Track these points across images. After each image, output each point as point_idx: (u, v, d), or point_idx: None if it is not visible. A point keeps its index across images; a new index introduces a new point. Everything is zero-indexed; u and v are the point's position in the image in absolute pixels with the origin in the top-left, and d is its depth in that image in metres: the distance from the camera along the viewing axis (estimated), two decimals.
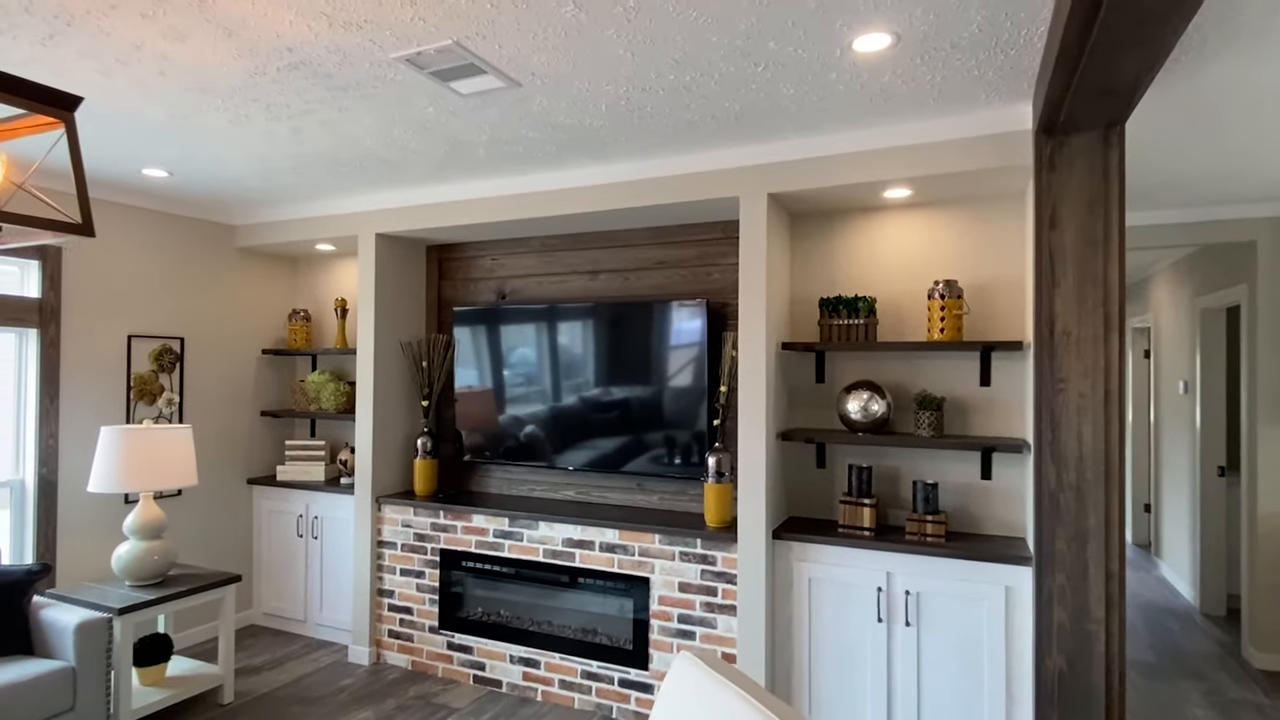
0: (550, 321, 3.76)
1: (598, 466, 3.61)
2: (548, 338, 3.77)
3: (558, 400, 3.72)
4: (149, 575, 3.24)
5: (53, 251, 3.47)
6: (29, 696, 2.55)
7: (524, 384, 3.81)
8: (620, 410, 3.59)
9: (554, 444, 3.73)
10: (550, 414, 3.75)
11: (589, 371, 3.65)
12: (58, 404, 3.50)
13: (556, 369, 3.72)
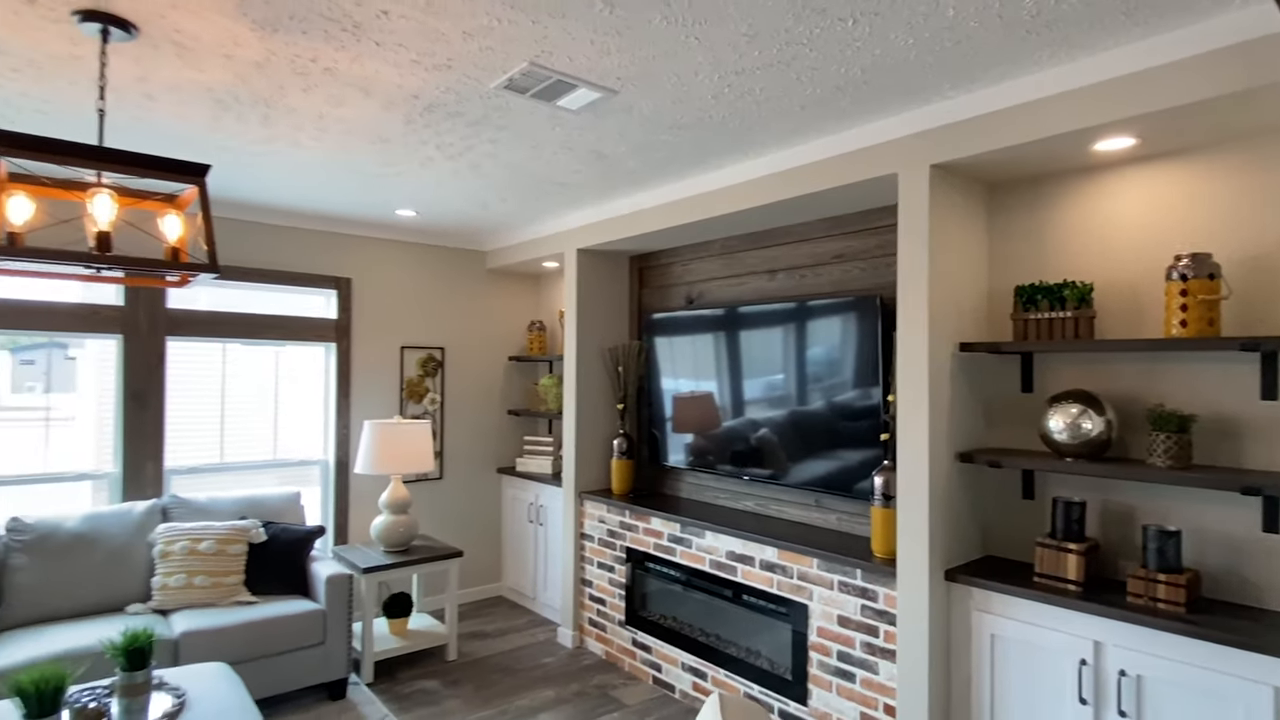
0: (726, 326, 3.65)
1: (774, 478, 3.40)
2: (724, 342, 3.66)
3: (736, 406, 3.60)
4: (396, 543, 3.96)
5: (344, 282, 4.44)
6: (294, 628, 3.30)
7: (697, 386, 3.76)
8: (795, 419, 3.33)
9: (733, 452, 3.61)
10: (729, 420, 3.64)
11: (765, 376, 3.46)
12: (349, 401, 4.47)
13: (734, 375, 3.59)
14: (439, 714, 3.33)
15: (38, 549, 3.20)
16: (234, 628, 3.14)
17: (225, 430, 4.13)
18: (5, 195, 1.81)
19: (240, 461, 4.17)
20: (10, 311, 3.46)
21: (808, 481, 3.26)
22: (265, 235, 4.18)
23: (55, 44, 2.08)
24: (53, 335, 3.66)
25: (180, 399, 3.96)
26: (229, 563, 3.42)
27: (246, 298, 4.23)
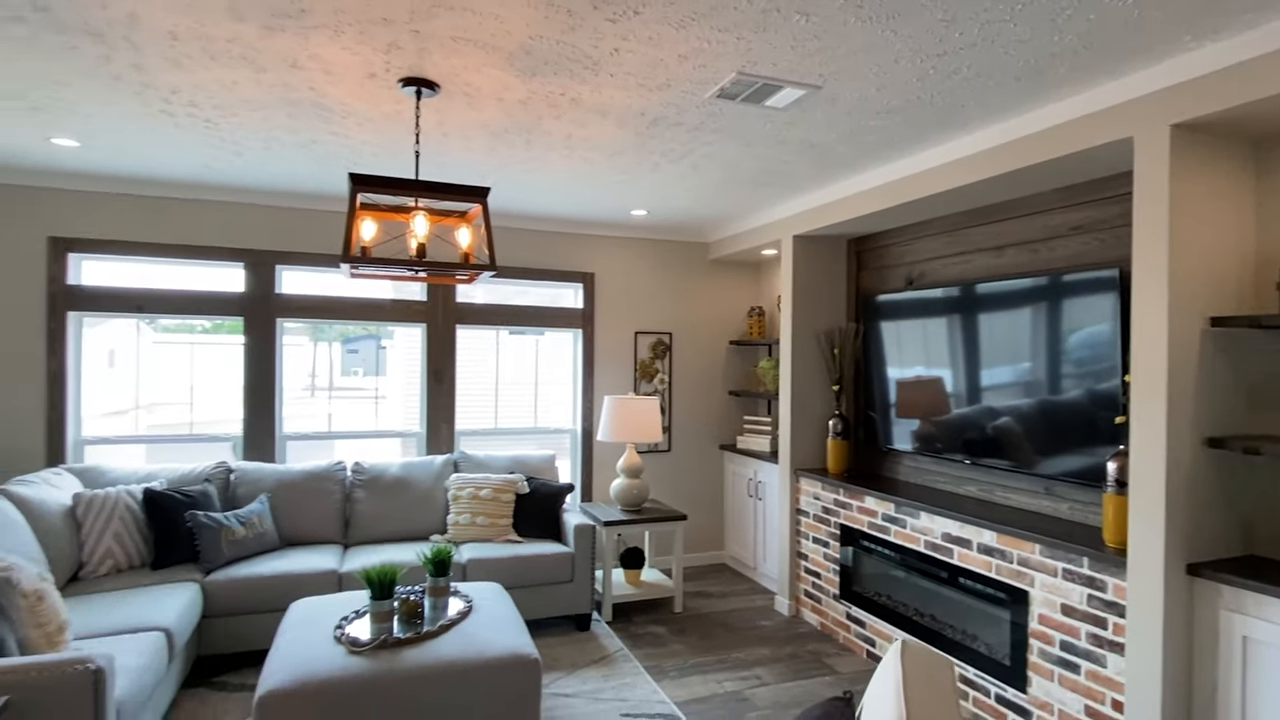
0: (953, 307, 3.60)
1: (1002, 464, 3.31)
2: (952, 324, 3.61)
3: (961, 388, 3.54)
4: (630, 503, 4.49)
5: (588, 276, 5.08)
6: (550, 566, 3.96)
7: (928, 371, 3.74)
8: (1031, 403, 3.21)
9: (956, 435, 3.57)
10: (954, 403, 3.60)
11: (1000, 359, 3.37)
12: (593, 380, 5.12)
13: (967, 358, 3.54)
14: (666, 654, 3.77)
15: (371, 487, 4.21)
16: (505, 559, 3.86)
17: (499, 402, 5.00)
18: (359, 220, 2.52)
19: (509, 427, 5.01)
20: (354, 307, 4.55)
21: (1040, 467, 3.13)
22: (527, 239, 4.95)
23: (386, 105, 2.80)
24: (379, 325, 4.73)
25: (466, 376, 4.88)
26: (501, 508, 4.18)
27: (513, 292, 5.05)
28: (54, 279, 4.00)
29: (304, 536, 4.00)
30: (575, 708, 3.15)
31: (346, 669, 2.44)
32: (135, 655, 2.54)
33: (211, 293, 4.29)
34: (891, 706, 1.49)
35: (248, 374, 4.36)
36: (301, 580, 3.51)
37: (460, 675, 2.52)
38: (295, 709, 2.33)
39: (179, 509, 3.60)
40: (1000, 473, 3.43)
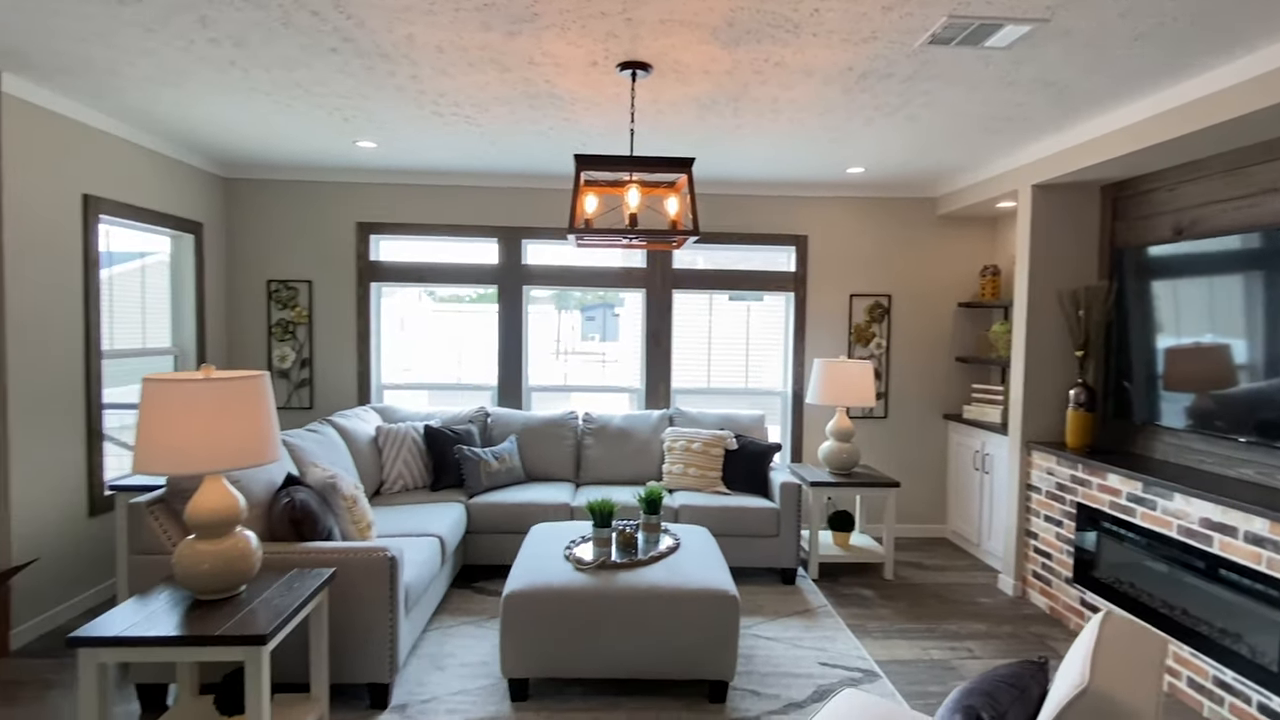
0: (1243, 259, 3.08)
1: None
2: (1240, 279, 3.10)
3: (1257, 358, 3.04)
4: (839, 466, 4.49)
5: (801, 239, 5.07)
6: (756, 519, 4.13)
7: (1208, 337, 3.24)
8: None
9: (1245, 413, 3.07)
10: (1235, 375, 3.10)
11: None
12: (804, 343, 5.13)
13: (1255, 318, 3.03)
14: (870, 615, 3.77)
15: (598, 435, 4.70)
16: (713, 508, 4.12)
17: (712, 363, 5.24)
18: (583, 196, 2.85)
19: (721, 387, 5.24)
20: (584, 274, 5.05)
21: None
22: (738, 205, 5.07)
23: (607, 89, 3.10)
24: (611, 293, 5.20)
25: (681, 337, 5.18)
26: (711, 461, 4.44)
27: (726, 257, 5.22)
28: (360, 256, 4.99)
29: (543, 473, 4.61)
30: (774, 650, 3.32)
31: (571, 581, 2.85)
32: (418, 552, 3.20)
33: (472, 264, 5.05)
34: (1076, 669, 1.45)
35: (501, 335, 5.07)
36: (541, 509, 4.08)
37: (666, 600, 2.82)
38: (531, 607, 2.79)
39: (449, 443, 4.36)
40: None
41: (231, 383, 2.21)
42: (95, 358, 3.68)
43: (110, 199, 3.79)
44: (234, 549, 2.27)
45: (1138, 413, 3.62)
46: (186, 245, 4.57)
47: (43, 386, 3.37)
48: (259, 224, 4.96)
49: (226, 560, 2.24)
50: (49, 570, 3.43)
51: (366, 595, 2.71)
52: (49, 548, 3.42)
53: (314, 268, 4.99)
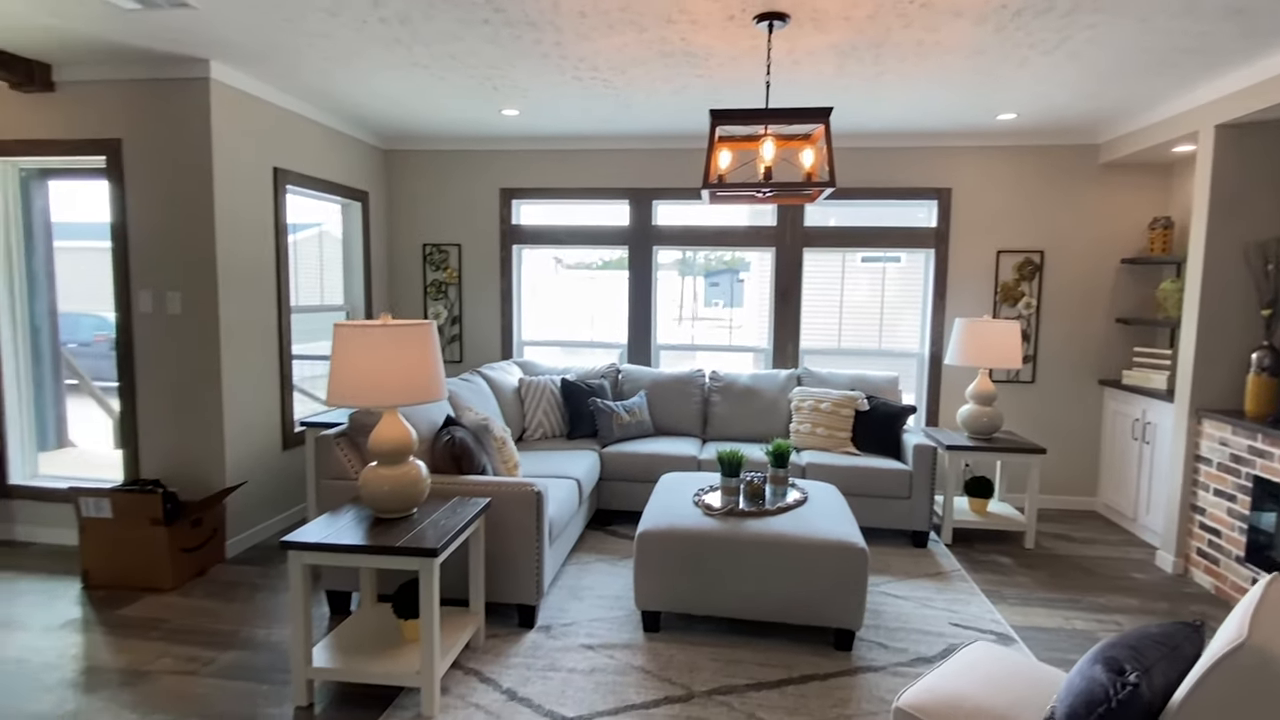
0: None
1: None
2: None
3: None
4: (979, 430, 4.32)
5: (944, 192, 4.83)
6: (886, 481, 4.08)
7: None
8: None
9: None
10: None
11: None
12: (944, 302, 4.92)
13: None
14: (1008, 582, 3.65)
15: (725, 392, 4.78)
16: (841, 467, 4.11)
17: (843, 323, 5.15)
18: (717, 151, 2.90)
19: (852, 348, 5.15)
20: (712, 233, 5.10)
21: None
22: (876, 158, 4.90)
23: (743, 42, 3.10)
24: (736, 257, 5.22)
25: (811, 297, 5.12)
26: (840, 422, 4.40)
27: (860, 214, 5.08)
28: (503, 220, 5.31)
29: (671, 428, 4.77)
30: (903, 607, 3.31)
31: (701, 525, 2.99)
32: (558, 491, 3.46)
33: (605, 226, 5.23)
34: (1234, 627, 1.40)
35: (631, 295, 5.25)
36: (669, 460, 4.25)
37: (793, 549, 2.89)
38: (662, 547, 2.96)
39: (584, 396, 4.61)
40: None
41: (405, 329, 2.49)
42: (286, 312, 4.20)
43: (294, 171, 4.27)
44: (408, 475, 2.58)
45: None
46: (354, 212, 5.06)
47: (247, 337, 3.91)
48: (414, 192, 5.38)
49: (402, 484, 2.55)
50: (252, 494, 4.01)
51: (516, 525, 2.98)
52: (252, 475, 4.00)
53: (462, 232, 5.37)
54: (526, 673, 2.68)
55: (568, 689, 2.58)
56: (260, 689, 2.58)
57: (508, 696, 2.52)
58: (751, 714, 2.44)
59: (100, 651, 2.82)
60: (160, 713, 2.43)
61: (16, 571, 3.57)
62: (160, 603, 3.26)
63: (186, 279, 3.69)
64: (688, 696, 2.54)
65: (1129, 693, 1.46)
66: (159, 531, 3.35)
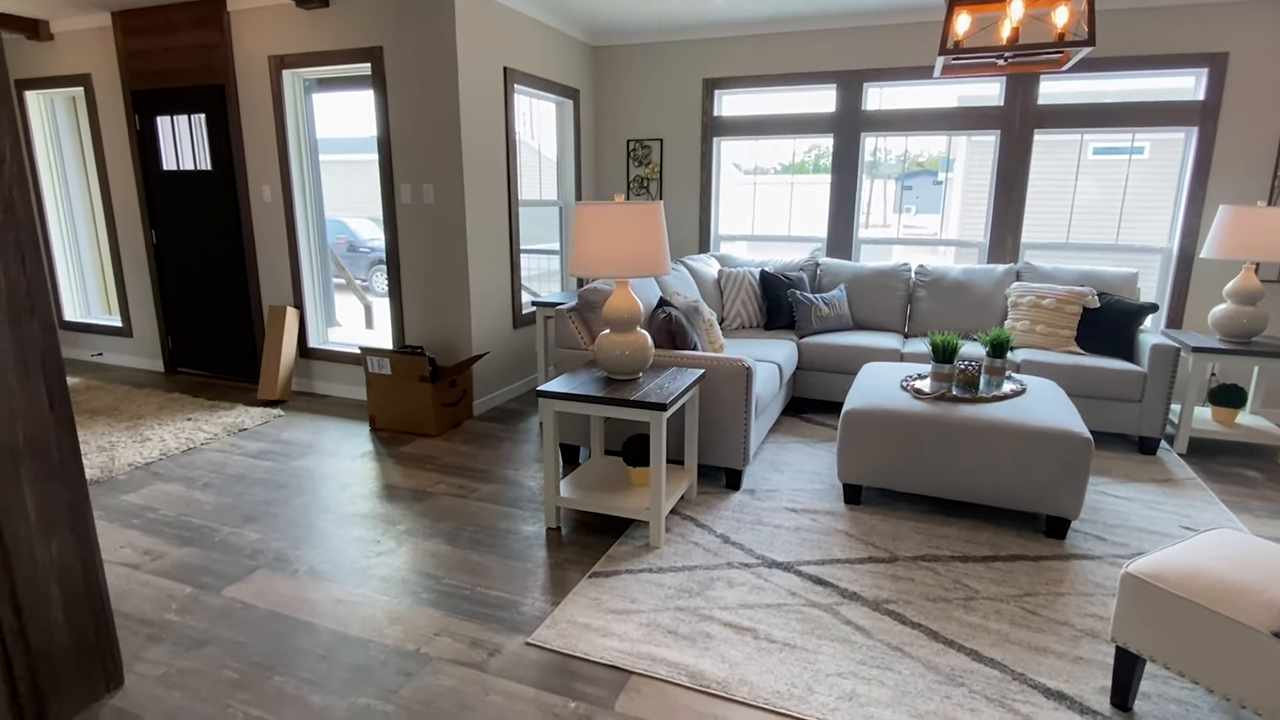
0: None
1: None
2: None
3: None
4: (1235, 333, 3.84)
5: (1219, 58, 4.13)
6: (1114, 382, 3.79)
7: None
8: None
9: None
10: None
11: None
12: (1204, 190, 4.30)
13: None
14: (1254, 495, 3.34)
15: (932, 287, 4.62)
16: (1062, 366, 3.88)
17: (1073, 215, 4.70)
18: (956, 14, 2.73)
19: (1083, 242, 4.70)
20: (928, 117, 4.79)
21: None
22: (1131, 20, 4.26)
23: None
24: (940, 156, 4.88)
25: (1039, 185, 4.70)
26: (1064, 319, 4.11)
27: (1108, 87, 4.49)
28: (705, 112, 5.35)
29: (871, 323, 4.73)
30: (1125, 507, 3.16)
31: (910, 407, 3.03)
32: (760, 370, 3.64)
33: (809, 114, 5.09)
34: None
35: (833, 186, 5.13)
36: (869, 353, 4.25)
37: (1009, 435, 2.86)
38: (868, 424, 3.06)
39: (783, 288, 4.68)
40: None
41: (639, 206, 2.71)
42: (515, 204, 4.64)
43: (520, 70, 4.60)
44: (636, 342, 2.87)
45: None
46: (567, 110, 5.36)
47: (486, 225, 4.40)
48: (620, 87, 5.56)
49: (632, 350, 2.85)
50: (491, 365, 4.62)
51: (726, 396, 3.22)
52: (491, 348, 4.59)
53: (665, 126, 5.49)
54: (736, 524, 2.97)
55: (775, 540, 2.83)
56: (518, 512, 3.11)
57: (722, 540, 2.83)
58: (957, 580, 2.55)
59: (393, 475, 3.52)
60: (446, 521, 3.02)
61: (322, 415, 4.46)
62: (429, 445, 3.94)
63: (437, 174, 4.20)
64: (892, 559, 2.69)
65: None
66: (426, 388, 4.01)
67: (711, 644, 2.17)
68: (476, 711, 1.89)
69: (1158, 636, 1.79)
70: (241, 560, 2.69)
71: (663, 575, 2.57)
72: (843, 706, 1.90)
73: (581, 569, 2.63)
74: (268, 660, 2.10)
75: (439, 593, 2.47)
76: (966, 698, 1.94)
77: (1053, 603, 2.41)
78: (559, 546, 2.81)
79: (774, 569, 2.61)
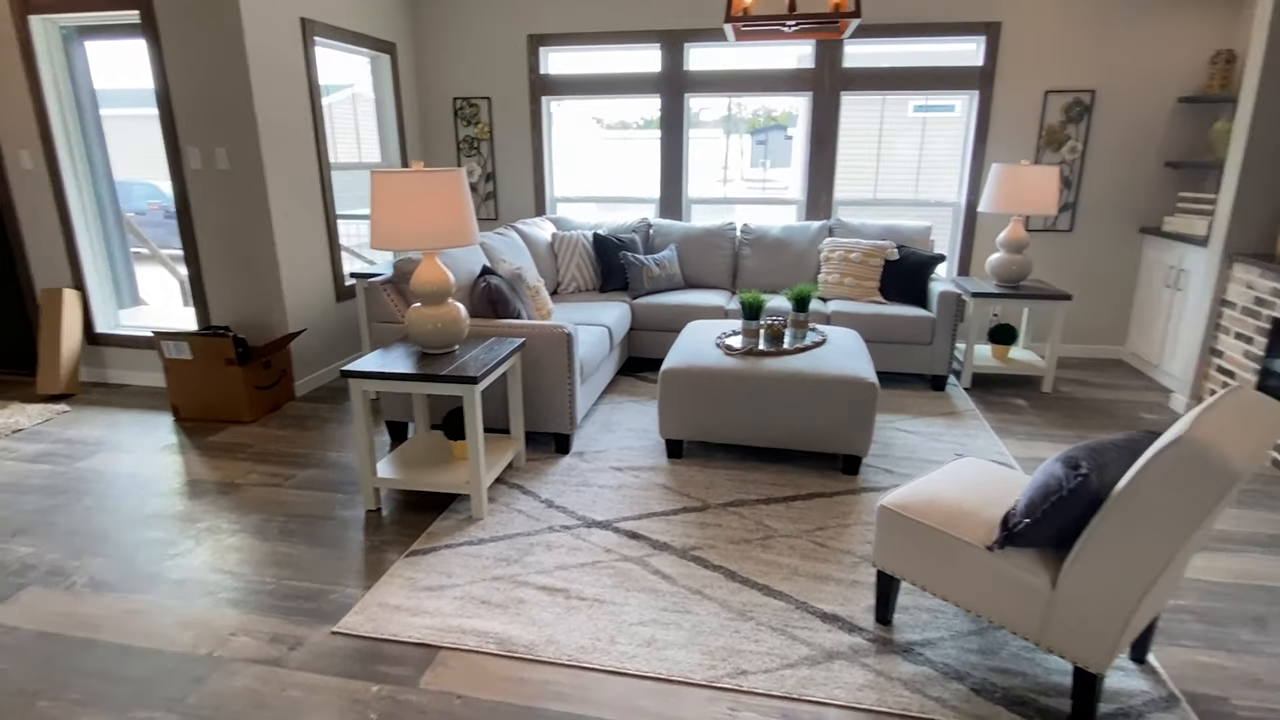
0: None
1: None
2: None
3: None
4: (1007, 278, 4.34)
5: (993, 27, 4.54)
6: (909, 327, 4.19)
7: None
8: None
9: None
10: None
11: None
12: (984, 149, 4.77)
13: None
14: (1018, 421, 3.84)
15: (755, 245, 4.85)
16: (866, 315, 4.22)
17: (879, 173, 5.06)
18: None
19: (888, 198, 5.09)
20: (748, 79, 4.95)
21: None
22: None
23: None
24: (780, 108, 5.07)
25: (848, 145, 5.01)
26: (869, 272, 4.47)
27: (904, 54, 4.83)
28: (531, 69, 5.22)
29: (701, 281, 4.90)
30: (912, 440, 3.54)
31: (720, 363, 3.20)
32: (588, 335, 3.69)
33: (635, 73, 5.10)
34: (1182, 425, 1.55)
35: (663, 146, 5.20)
36: (697, 310, 4.42)
37: (807, 384, 3.09)
38: (684, 381, 3.20)
39: (615, 250, 4.74)
40: None
41: (436, 174, 2.62)
42: (326, 168, 4.34)
43: (321, 21, 4.25)
44: (449, 314, 2.81)
45: None
46: (384, 66, 5.04)
47: (293, 192, 4.09)
48: (441, 42, 5.29)
49: (444, 323, 2.79)
50: (314, 342, 4.36)
51: (550, 363, 3.24)
52: (311, 324, 4.33)
53: (492, 84, 5.31)
54: (562, 487, 3.03)
55: (598, 500, 2.92)
56: (336, 497, 3.00)
57: (546, 504, 2.88)
58: (760, 522, 2.76)
59: (198, 468, 3.27)
60: (255, 514, 2.86)
61: (116, 408, 4.04)
62: (243, 432, 3.69)
63: (230, 137, 3.83)
64: (703, 507, 2.87)
65: (1079, 482, 1.65)
66: (234, 371, 3.73)
67: (524, 609, 2.23)
68: (272, 709, 1.84)
69: (906, 559, 2.03)
70: (6, 580, 2.42)
71: (483, 546, 2.59)
72: (640, 653, 2.03)
73: (400, 549, 2.60)
74: (32, 686, 1.93)
75: (239, 591, 2.35)
76: (753, 630, 2.13)
77: (840, 534, 2.67)
78: (378, 529, 2.75)
79: (593, 528, 2.70)
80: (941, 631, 2.14)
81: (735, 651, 2.03)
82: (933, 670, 1.98)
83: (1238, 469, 1.46)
